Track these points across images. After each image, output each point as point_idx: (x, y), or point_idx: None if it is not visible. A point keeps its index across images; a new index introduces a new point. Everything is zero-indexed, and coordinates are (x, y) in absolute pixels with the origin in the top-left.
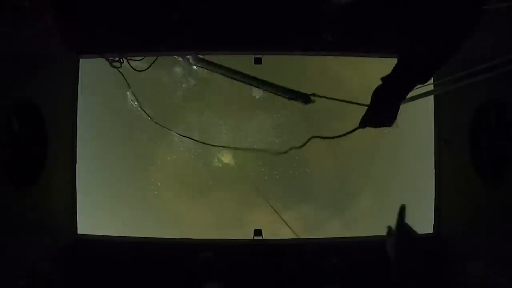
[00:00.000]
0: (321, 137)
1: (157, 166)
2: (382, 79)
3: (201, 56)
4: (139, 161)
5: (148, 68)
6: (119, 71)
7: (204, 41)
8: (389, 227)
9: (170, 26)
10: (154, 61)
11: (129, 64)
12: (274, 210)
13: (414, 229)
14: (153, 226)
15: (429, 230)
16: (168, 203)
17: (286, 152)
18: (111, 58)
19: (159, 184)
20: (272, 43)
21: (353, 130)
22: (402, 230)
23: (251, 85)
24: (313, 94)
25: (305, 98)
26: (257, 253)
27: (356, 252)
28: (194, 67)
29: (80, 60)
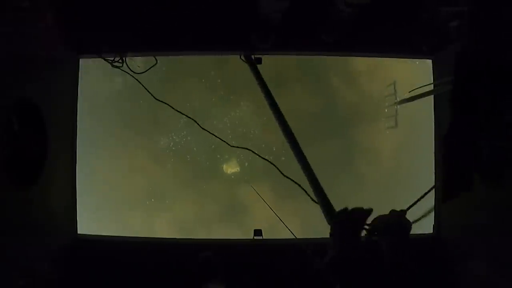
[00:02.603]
0: None
1: None
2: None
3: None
4: None
5: (146, 71)
6: (133, 72)
7: (204, 41)
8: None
9: (170, 26)
10: (154, 65)
11: (127, 66)
12: (270, 207)
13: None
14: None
15: (429, 230)
16: None
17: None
18: (111, 59)
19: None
20: (271, 43)
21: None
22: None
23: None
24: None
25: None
26: (257, 253)
27: (356, 252)
28: None
29: (80, 60)
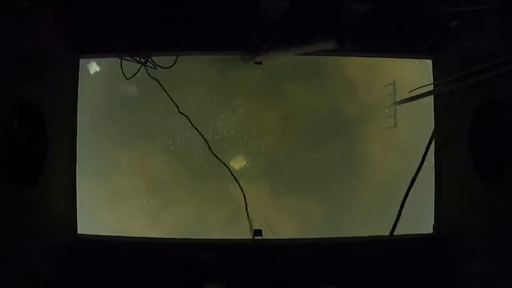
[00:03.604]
0: None
1: None
2: None
3: None
4: None
5: (172, 66)
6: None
7: (205, 42)
8: None
9: (170, 26)
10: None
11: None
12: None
13: None
14: None
15: (429, 230)
16: None
17: None
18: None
19: None
20: (271, 43)
21: None
22: None
23: None
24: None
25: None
26: (257, 253)
27: (356, 252)
28: None
29: (80, 60)
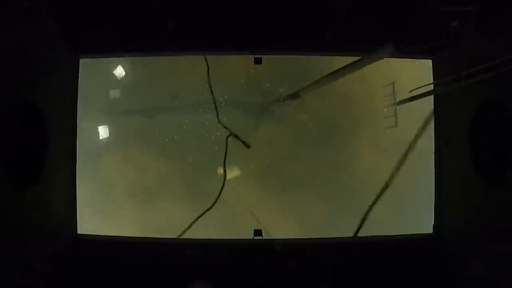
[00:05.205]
0: None
1: None
2: None
3: None
4: None
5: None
6: None
7: (205, 42)
8: None
9: (170, 27)
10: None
11: None
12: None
13: None
14: None
15: (429, 230)
16: None
17: None
18: None
19: None
20: (272, 43)
21: None
22: None
23: None
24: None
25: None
26: (257, 253)
27: (356, 252)
28: None
29: (80, 60)
